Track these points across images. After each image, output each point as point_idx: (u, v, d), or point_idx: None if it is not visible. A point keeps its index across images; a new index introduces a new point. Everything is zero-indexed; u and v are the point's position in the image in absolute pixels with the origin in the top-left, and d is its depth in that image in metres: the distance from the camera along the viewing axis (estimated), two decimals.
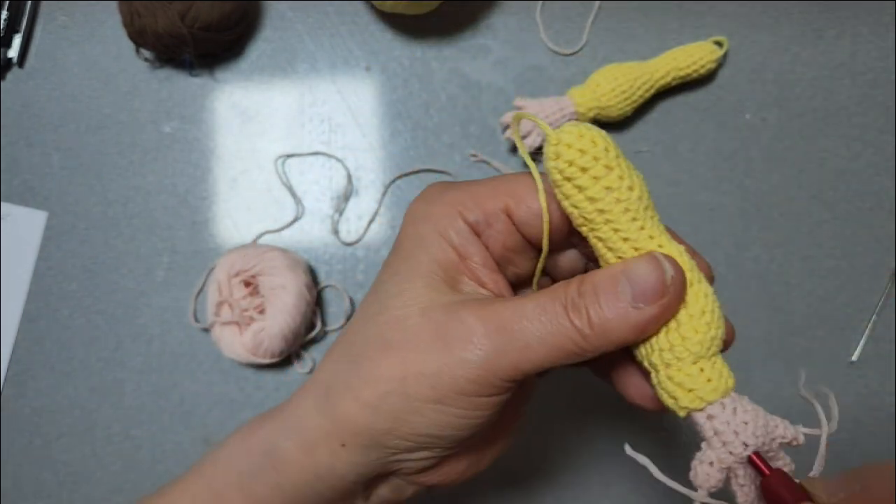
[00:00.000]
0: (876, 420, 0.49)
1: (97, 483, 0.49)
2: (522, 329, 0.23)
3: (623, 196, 0.23)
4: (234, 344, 0.47)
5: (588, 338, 0.23)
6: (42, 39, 0.53)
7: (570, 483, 0.48)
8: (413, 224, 0.27)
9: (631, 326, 0.23)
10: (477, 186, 0.27)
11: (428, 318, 0.25)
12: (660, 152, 0.52)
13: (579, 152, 0.23)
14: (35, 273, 0.51)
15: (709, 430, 0.23)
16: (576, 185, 0.23)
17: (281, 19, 0.54)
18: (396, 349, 0.25)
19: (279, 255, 0.47)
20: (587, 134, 0.23)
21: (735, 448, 0.23)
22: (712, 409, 0.23)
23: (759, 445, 0.23)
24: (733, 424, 0.23)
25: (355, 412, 0.25)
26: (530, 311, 0.23)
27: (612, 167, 0.23)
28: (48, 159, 0.52)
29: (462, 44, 0.53)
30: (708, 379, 0.23)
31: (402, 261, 0.26)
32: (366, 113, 0.53)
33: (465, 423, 0.25)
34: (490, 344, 0.23)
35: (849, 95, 0.53)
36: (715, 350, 0.24)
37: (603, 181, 0.23)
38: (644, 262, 0.23)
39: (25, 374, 0.50)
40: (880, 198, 0.51)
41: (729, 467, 0.23)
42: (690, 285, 0.24)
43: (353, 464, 0.26)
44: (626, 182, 0.24)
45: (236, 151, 0.52)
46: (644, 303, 0.23)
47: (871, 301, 0.50)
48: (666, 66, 0.50)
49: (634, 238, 0.24)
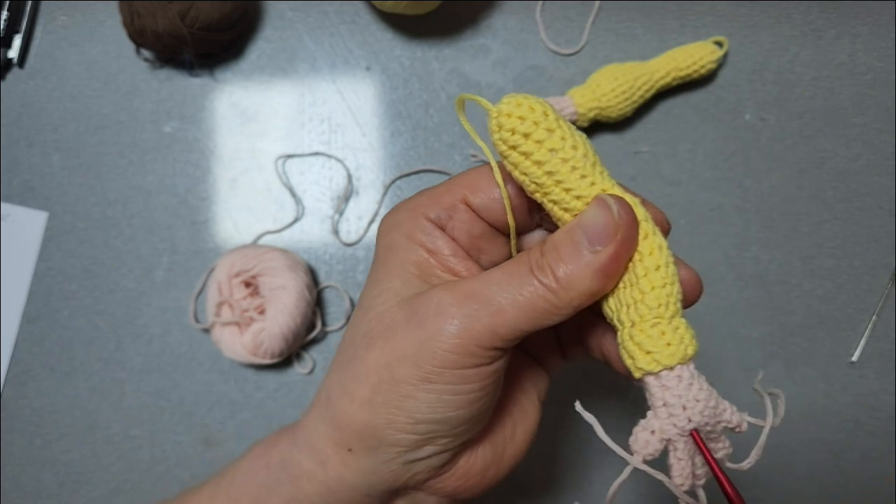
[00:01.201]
0: (876, 420, 0.49)
1: (97, 483, 0.49)
2: (492, 294, 0.24)
3: (568, 155, 0.24)
4: (235, 344, 0.47)
5: (556, 292, 0.23)
6: (42, 39, 0.53)
7: (571, 483, 0.48)
8: (383, 235, 0.28)
9: (593, 272, 0.23)
10: (436, 187, 0.28)
11: (402, 305, 0.25)
12: (660, 152, 0.52)
13: (519, 119, 0.24)
14: (35, 273, 0.51)
15: (658, 399, 0.24)
16: (521, 152, 0.24)
17: (281, 19, 0.54)
18: (378, 341, 0.25)
19: (279, 255, 0.47)
20: (524, 102, 0.24)
21: (679, 421, 0.23)
22: (668, 378, 0.23)
23: (703, 424, 0.23)
24: (684, 398, 0.23)
25: (353, 412, 0.25)
26: (498, 277, 0.24)
27: (553, 129, 0.24)
28: (48, 159, 0.52)
29: (462, 44, 0.53)
30: (668, 343, 0.23)
31: (378, 268, 0.28)
32: (366, 113, 0.53)
33: (457, 399, 0.25)
34: (461, 312, 0.24)
35: (849, 95, 0.53)
36: (674, 310, 0.24)
37: (546, 143, 0.24)
38: (592, 206, 0.24)
39: (26, 374, 0.50)
40: (880, 198, 0.52)
41: (669, 439, 0.23)
42: (645, 237, 0.24)
43: (362, 471, 0.26)
44: (570, 142, 0.24)
45: (236, 151, 0.52)
46: (600, 244, 0.23)
47: (871, 301, 0.50)
48: (666, 66, 0.50)
49: (587, 195, 0.24)
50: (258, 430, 0.49)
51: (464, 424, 0.26)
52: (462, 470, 0.28)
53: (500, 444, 0.29)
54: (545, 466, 0.49)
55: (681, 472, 0.23)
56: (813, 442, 0.49)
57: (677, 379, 0.23)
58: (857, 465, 0.48)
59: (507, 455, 0.29)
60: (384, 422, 0.25)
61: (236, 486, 0.28)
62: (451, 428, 0.26)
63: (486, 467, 0.28)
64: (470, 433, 0.27)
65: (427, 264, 0.27)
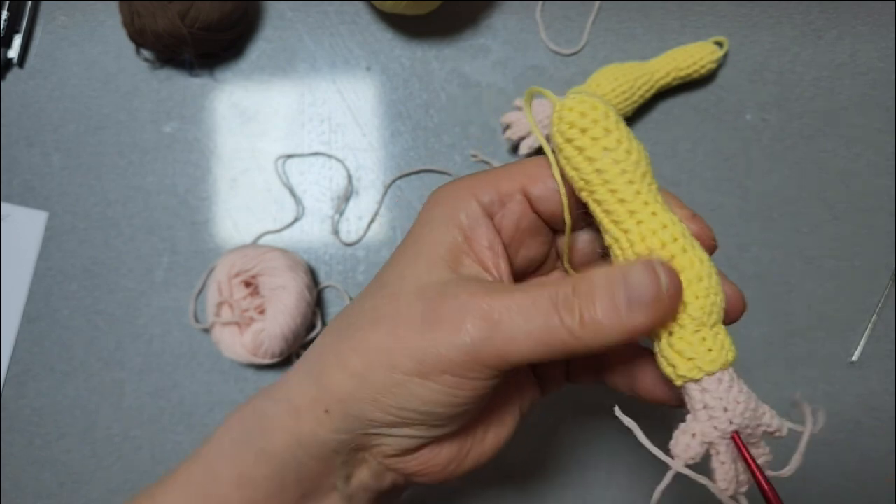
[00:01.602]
0: (876, 420, 0.49)
1: (97, 483, 0.49)
2: (511, 321, 0.23)
3: (620, 157, 0.24)
4: (235, 344, 0.47)
5: (578, 337, 0.23)
6: (42, 39, 0.53)
7: (571, 483, 0.48)
8: (427, 208, 0.27)
9: (623, 331, 0.23)
10: (496, 171, 0.27)
11: (421, 296, 0.25)
12: (660, 152, 0.52)
13: (580, 115, 0.24)
14: (35, 273, 0.51)
15: (699, 402, 0.24)
16: (576, 147, 0.24)
17: (281, 19, 0.54)
18: (386, 322, 0.25)
19: (279, 255, 0.47)
20: (588, 100, 0.24)
21: (720, 423, 0.23)
22: (708, 382, 0.23)
23: (744, 427, 0.23)
24: (725, 401, 0.23)
25: (341, 380, 0.26)
26: (521, 303, 0.24)
27: (611, 130, 0.24)
28: (48, 159, 0.52)
29: (462, 44, 0.53)
30: (709, 349, 0.23)
31: (410, 243, 0.27)
32: (366, 113, 0.53)
33: (448, 400, 0.25)
34: (476, 331, 0.24)
35: (849, 95, 0.53)
36: (716, 318, 0.24)
37: (601, 142, 0.24)
38: (642, 269, 0.23)
39: (25, 374, 0.50)
40: (880, 198, 0.51)
41: (711, 442, 0.23)
42: (684, 252, 0.24)
43: (336, 430, 0.26)
44: (625, 145, 0.24)
45: (236, 151, 0.52)
46: (639, 309, 0.23)
47: (871, 301, 0.50)
48: (666, 66, 0.50)
49: (630, 200, 0.24)
50: None
51: (445, 421, 0.26)
52: (425, 457, 0.28)
53: (468, 444, 0.29)
54: (545, 466, 0.49)
55: (724, 475, 0.23)
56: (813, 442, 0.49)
57: (717, 382, 0.23)
58: (857, 465, 0.48)
59: (472, 455, 0.29)
60: (369, 398, 0.25)
61: (212, 448, 0.28)
62: (431, 420, 0.26)
63: (448, 461, 0.28)
64: (446, 430, 0.27)
65: (459, 251, 0.26)
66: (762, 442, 0.24)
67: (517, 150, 0.50)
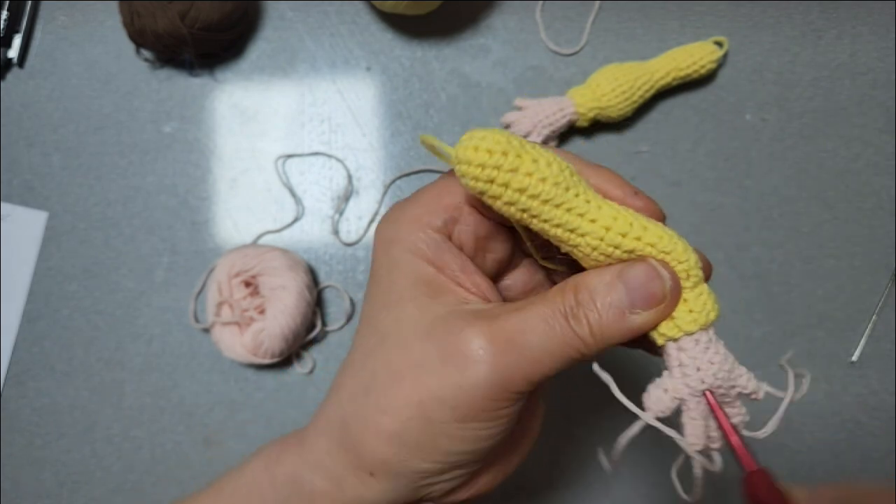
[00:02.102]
0: (876, 420, 0.49)
1: (97, 483, 0.49)
2: (529, 343, 0.24)
3: (546, 173, 0.24)
4: (235, 344, 0.47)
5: (590, 345, 0.24)
6: (42, 40, 0.53)
7: (571, 483, 0.48)
8: (384, 250, 0.27)
9: (630, 331, 0.24)
10: (434, 189, 0.27)
11: (431, 339, 0.25)
12: (660, 152, 0.52)
13: (487, 153, 0.23)
14: (35, 273, 0.51)
15: (675, 360, 0.24)
16: (500, 185, 0.23)
17: (281, 19, 0.54)
18: (408, 376, 0.25)
19: (279, 255, 0.47)
20: (486, 135, 0.23)
21: (692, 382, 0.24)
22: (686, 342, 0.24)
23: (717, 387, 0.24)
24: (699, 361, 0.24)
25: (380, 445, 0.25)
26: (534, 324, 0.24)
27: (523, 152, 0.24)
28: (48, 159, 0.52)
29: (462, 44, 0.53)
30: (689, 310, 0.24)
31: (384, 292, 0.27)
32: (366, 113, 0.53)
33: (489, 433, 0.25)
34: (502, 362, 0.24)
35: (849, 95, 0.53)
36: (695, 280, 0.24)
37: (523, 168, 0.23)
38: (642, 269, 0.24)
39: (25, 374, 0.50)
40: (880, 198, 0.52)
41: (682, 398, 0.24)
42: (646, 229, 0.24)
43: (384, 491, 0.26)
44: (543, 159, 0.24)
45: (236, 151, 0.52)
46: (643, 308, 0.23)
47: (871, 301, 0.50)
48: (666, 66, 0.50)
49: (576, 206, 0.24)
50: (258, 429, 0.49)
51: (490, 451, 0.26)
52: (473, 485, 0.28)
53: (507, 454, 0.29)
54: (544, 465, 0.49)
55: (693, 431, 0.24)
56: (813, 442, 0.49)
57: (694, 342, 0.24)
58: (857, 465, 0.48)
59: (514, 461, 0.29)
60: (413, 454, 0.25)
61: (238, 500, 0.28)
62: (479, 455, 0.26)
63: (494, 478, 0.29)
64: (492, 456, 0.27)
65: (436, 281, 0.26)
66: (738, 402, 0.25)
67: None
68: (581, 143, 0.52)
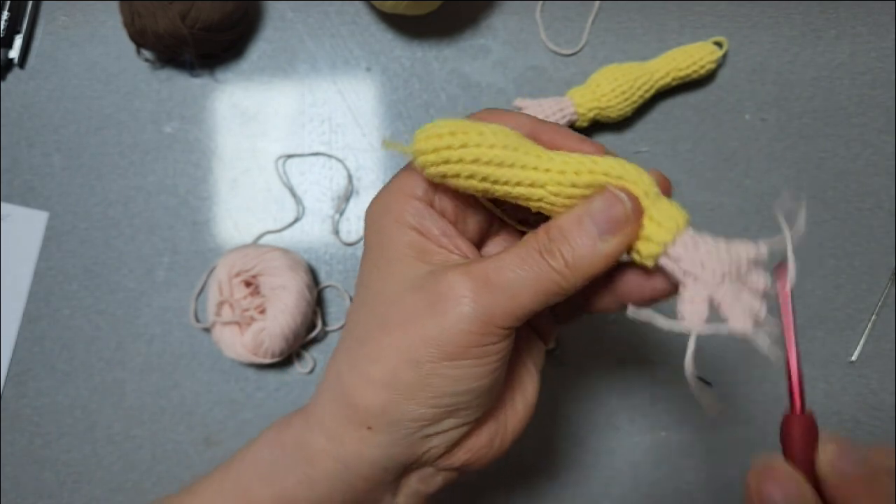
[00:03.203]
0: (876, 420, 0.49)
1: (97, 483, 0.49)
2: (508, 279, 0.25)
3: (494, 140, 0.25)
4: (235, 344, 0.47)
5: (566, 276, 0.25)
6: (43, 40, 0.53)
7: (571, 483, 0.48)
8: (373, 222, 0.29)
9: (603, 258, 0.25)
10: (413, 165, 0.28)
11: (418, 290, 0.26)
12: (660, 152, 0.52)
13: (436, 137, 0.25)
14: (36, 273, 0.51)
15: (678, 272, 0.25)
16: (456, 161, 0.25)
17: (281, 19, 0.54)
18: (396, 325, 0.26)
19: (280, 255, 0.47)
20: (429, 126, 0.25)
21: (705, 276, 0.25)
22: (674, 250, 0.25)
23: (727, 270, 0.25)
24: (697, 258, 0.25)
25: (371, 392, 0.26)
26: (510, 262, 0.25)
27: (468, 128, 0.25)
28: (49, 160, 0.52)
29: (462, 44, 0.53)
30: (658, 223, 0.25)
31: (375, 255, 0.28)
32: (366, 113, 0.53)
33: (477, 371, 0.26)
34: (483, 298, 0.25)
35: (848, 95, 0.53)
36: (654, 196, 0.26)
37: (471, 140, 0.25)
38: (603, 198, 0.25)
39: (26, 374, 0.50)
40: (880, 198, 0.52)
41: (710, 296, 0.25)
42: (595, 163, 0.25)
43: (381, 445, 0.26)
44: (489, 128, 0.25)
45: (237, 152, 0.52)
46: (610, 234, 0.25)
47: (871, 301, 0.50)
48: (666, 66, 0.51)
49: (530, 163, 0.25)
50: (259, 429, 0.49)
51: (483, 395, 0.27)
52: (471, 444, 0.28)
53: (503, 417, 0.30)
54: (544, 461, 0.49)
55: (736, 317, 0.24)
56: None
57: (683, 247, 0.25)
58: None
59: (510, 426, 0.30)
60: (406, 398, 0.26)
61: (246, 471, 0.28)
62: (471, 399, 0.26)
63: (491, 440, 0.29)
64: (486, 405, 0.28)
65: (422, 245, 0.27)
66: (755, 270, 0.26)
67: None
68: None
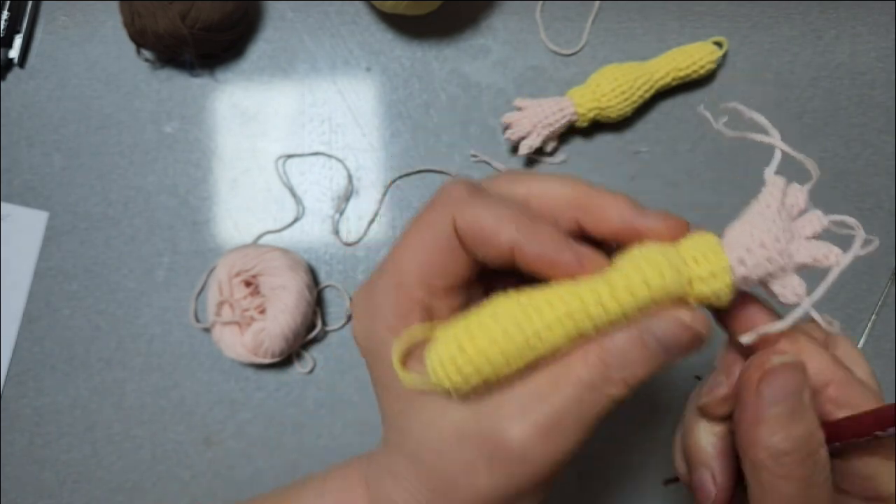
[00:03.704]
0: None
1: (98, 483, 0.49)
2: (568, 429, 0.23)
3: (506, 347, 0.23)
4: (235, 344, 0.47)
5: (624, 396, 0.24)
6: (43, 40, 0.53)
7: (570, 482, 0.48)
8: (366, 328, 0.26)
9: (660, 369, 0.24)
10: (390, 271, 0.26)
11: (471, 442, 0.24)
12: (660, 152, 0.52)
13: (451, 361, 0.23)
14: (36, 273, 0.51)
15: (754, 271, 0.25)
16: (483, 377, 0.23)
17: (281, 20, 0.54)
18: (461, 486, 0.24)
19: (280, 255, 0.47)
20: (445, 360, 0.23)
21: (772, 255, 0.25)
22: (734, 262, 0.25)
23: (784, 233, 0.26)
24: (755, 247, 0.25)
25: None
26: (568, 407, 0.23)
27: (485, 346, 0.23)
28: (49, 159, 0.52)
29: (462, 44, 0.53)
30: (710, 271, 0.24)
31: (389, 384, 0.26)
32: (366, 113, 0.53)
33: (541, 497, 0.25)
34: (547, 451, 0.23)
35: (848, 95, 0.53)
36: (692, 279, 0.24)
37: (490, 356, 0.23)
38: (674, 325, 0.24)
39: (26, 374, 0.50)
40: (880, 198, 0.52)
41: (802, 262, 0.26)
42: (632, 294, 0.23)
43: None
44: (499, 328, 0.23)
45: (237, 152, 0.52)
46: (677, 354, 0.24)
47: (871, 301, 0.50)
48: (666, 66, 0.51)
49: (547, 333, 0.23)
50: (259, 429, 0.49)
51: None
52: None
53: None
54: None
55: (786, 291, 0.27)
56: None
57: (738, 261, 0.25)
58: None
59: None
60: None
61: None
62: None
63: None
64: None
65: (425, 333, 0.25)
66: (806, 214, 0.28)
67: (517, 150, 0.50)
68: (581, 144, 0.52)
